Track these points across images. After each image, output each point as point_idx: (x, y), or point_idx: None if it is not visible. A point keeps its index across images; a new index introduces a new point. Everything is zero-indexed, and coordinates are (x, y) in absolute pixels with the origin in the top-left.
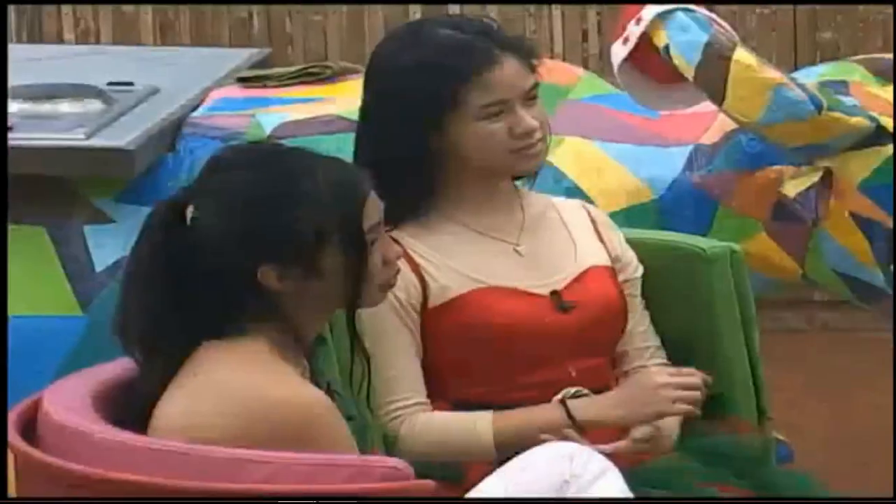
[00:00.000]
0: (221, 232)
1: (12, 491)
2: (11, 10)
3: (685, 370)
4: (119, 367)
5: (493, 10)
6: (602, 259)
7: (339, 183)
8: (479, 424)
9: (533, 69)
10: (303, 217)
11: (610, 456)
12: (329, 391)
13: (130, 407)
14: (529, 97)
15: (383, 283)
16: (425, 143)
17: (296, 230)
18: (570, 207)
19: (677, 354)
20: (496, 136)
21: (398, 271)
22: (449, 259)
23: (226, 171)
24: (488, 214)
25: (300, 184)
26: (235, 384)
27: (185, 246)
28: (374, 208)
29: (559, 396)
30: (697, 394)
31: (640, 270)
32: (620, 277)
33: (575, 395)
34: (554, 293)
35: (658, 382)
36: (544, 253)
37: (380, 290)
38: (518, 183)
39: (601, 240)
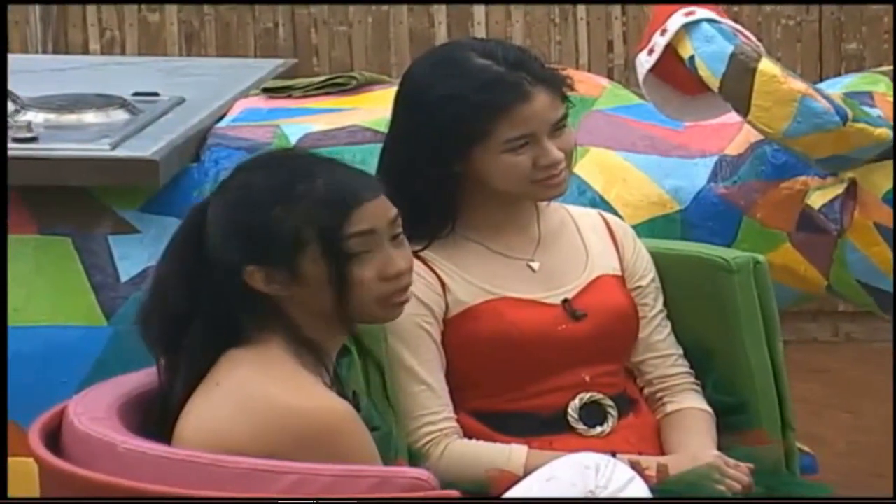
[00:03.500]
0: (217, 231)
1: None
2: (37, 20)
3: (742, 465)
4: (144, 376)
5: (518, 19)
6: (613, 267)
7: (334, 187)
8: (513, 459)
9: (564, 98)
10: (283, 218)
11: (634, 467)
12: (355, 401)
13: (155, 417)
14: (558, 127)
15: (381, 299)
16: (449, 169)
17: (274, 231)
18: (585, 215)
19: (700, 365)
20: (520, 167)
21: (404, 287)
22: (466, 273)
23: (238, 173)
24: (505, 235)
25: (294, 185)
26: (257, 394)
27: (200, 247)
28: (368, 216)
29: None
30: (739, 487)
31: (650, 279)
32: (629, 285)
33: (590, 402)
34: (565, 301)
35: (712, 465)
36: (557, 265)
37: (379, 305)
38: None
39: (616, 246)
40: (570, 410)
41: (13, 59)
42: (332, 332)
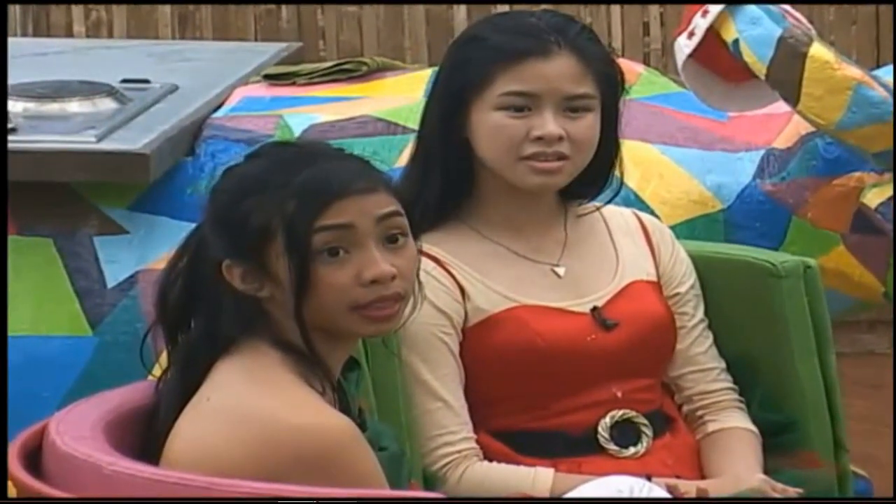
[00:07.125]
0: (204, 222)
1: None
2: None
3: (791, 490)
4: (132, 391)
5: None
6: (648, 272)
7: (318, 177)
8: (538, 483)
9: (601, 79)
10: (256, 208)
11: (672, 491)
12: (360, 418)
13: (144, 434)
14: (572, 107)
15: (357, 307)
16: (453, 129)
17: (245, 221)
18: (618, 214)
19: (745, 380)
20: (509, 132)
21: (383, 298)
22: (485, 277)
23: (243, 160)
24: (527, 235)
25: (276, 174)
26: (250, 409)
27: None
28: (349, 209)
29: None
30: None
31: (690, 286)
32: (666, 292)
33: (622, 420)
34: (594, 309)
35: (758, 489)
36: (585, 270)
37: (356, 315)
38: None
39: (651, 249)
40: (600, 429)
41: None
42: (331, 341)
